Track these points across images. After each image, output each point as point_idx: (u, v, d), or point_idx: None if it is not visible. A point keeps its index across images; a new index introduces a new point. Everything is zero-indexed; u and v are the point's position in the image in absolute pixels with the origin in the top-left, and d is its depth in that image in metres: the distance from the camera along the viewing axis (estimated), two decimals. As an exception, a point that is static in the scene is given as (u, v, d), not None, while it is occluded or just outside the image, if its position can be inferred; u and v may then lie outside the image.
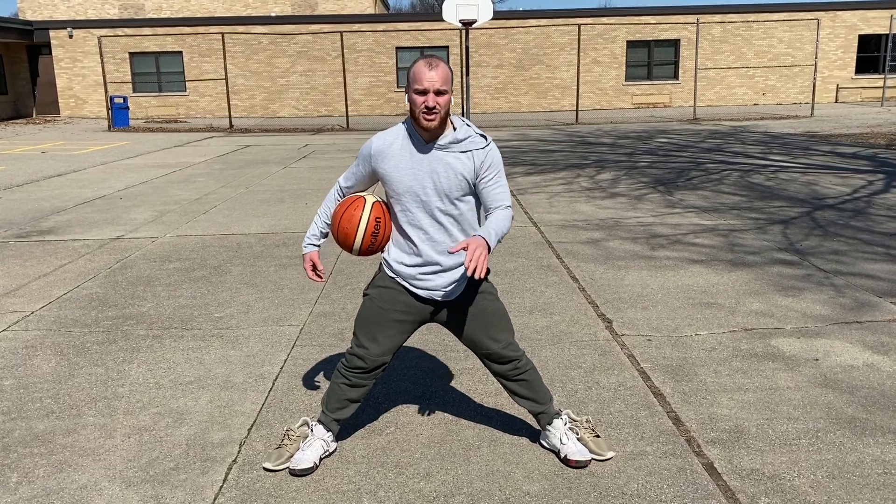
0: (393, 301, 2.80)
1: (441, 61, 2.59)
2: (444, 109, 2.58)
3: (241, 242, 6.87)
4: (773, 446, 2.98)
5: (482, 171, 2.67)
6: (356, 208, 2.75)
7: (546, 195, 9.17)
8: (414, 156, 2.67)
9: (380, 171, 2.72)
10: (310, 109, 27.46)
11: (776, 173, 10.59)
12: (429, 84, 2.54)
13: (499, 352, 2.84)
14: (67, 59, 27.19)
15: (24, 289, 5.47)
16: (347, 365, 2.86)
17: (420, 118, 2.58)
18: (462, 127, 2.68)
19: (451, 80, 2.60)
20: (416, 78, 2.56)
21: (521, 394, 2.91)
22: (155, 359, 4.06)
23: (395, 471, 2.86)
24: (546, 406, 2.94)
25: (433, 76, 2.54)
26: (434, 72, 2.54)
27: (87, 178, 11.54)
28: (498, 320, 2.84)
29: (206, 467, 2.91)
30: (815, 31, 27.16)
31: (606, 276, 5.50)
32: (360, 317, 2.85)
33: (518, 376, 2.89)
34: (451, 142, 2.65)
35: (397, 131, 2.73)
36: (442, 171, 2.65)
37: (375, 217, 2.75)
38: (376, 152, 2.72)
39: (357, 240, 2.74)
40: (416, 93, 2.57)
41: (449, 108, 2.63)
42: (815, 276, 5.38)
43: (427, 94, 2.55)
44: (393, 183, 2.70)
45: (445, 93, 2.57)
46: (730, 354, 3.95)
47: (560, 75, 27.46)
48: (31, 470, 2.92)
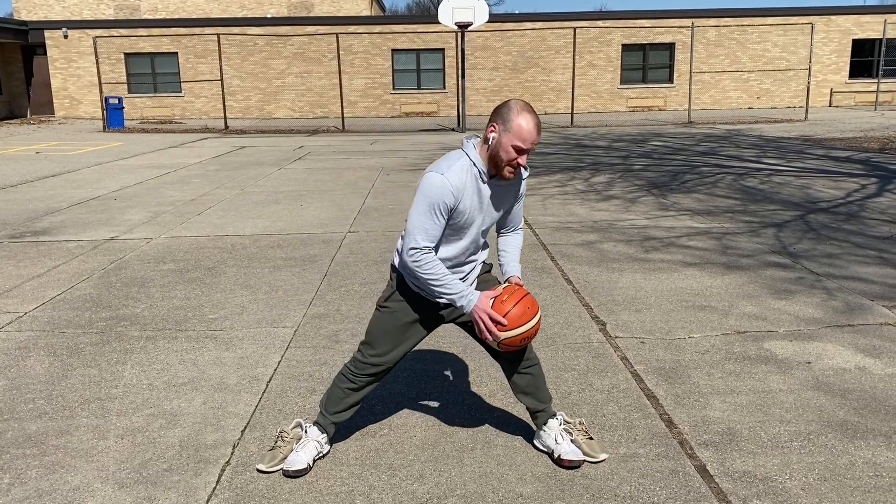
0: (418, 311, 2.83)
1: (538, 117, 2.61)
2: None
3: (235, 244, 6.86)
4: (765, 449, 3.00)
5: (520, 195, 2.86)
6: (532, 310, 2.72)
7: (540, 197, 9.19)
8: (481, 192, 2.68)
9: (456, 209, 2.63)
10: (305, 111, 27.44)
11: (770, 177, 10.63)
12: (532, 145, 2.55)
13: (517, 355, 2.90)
14: (62, 59, 27.13)
15: (17, 289, 5.45)
16: (356, 371, 2.87)
17: (504, 171, 2.59)
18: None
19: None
20: (521, 134, 2.52)
21: (525, 389, 2.93)
22: (149, 360, 4.05)
23: (389, 472, 2.87)
24: (545, 406, 2.96)
25: (537, 139, 2.56)
26: (539, 134, 2.55)
27: (81, 179, 11.52)
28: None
29: (200, 469, 2.91)
30: (809, 35, 27.27)
31: (600, 279, 5.51)
32: (378, 327, 2.83)
33: (526, 369, 2.92)
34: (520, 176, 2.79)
35: (464, 169, 2.62)
36: (497, 201, 2.75)
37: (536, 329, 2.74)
38: (456, 193, 2.59)
39: (529, 324, 2.70)
40: (514, 148, 2.54)
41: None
42: (808, 280, 5.40)
43: (525, 153, 2.56)
44: (462, 219, 2.66)
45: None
46: (723, 357, 3.96)
47: (555, 78, 27.51)
48: (24, 471, 2.91)
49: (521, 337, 2.68)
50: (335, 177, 11.39)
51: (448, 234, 2.70)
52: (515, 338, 2.67)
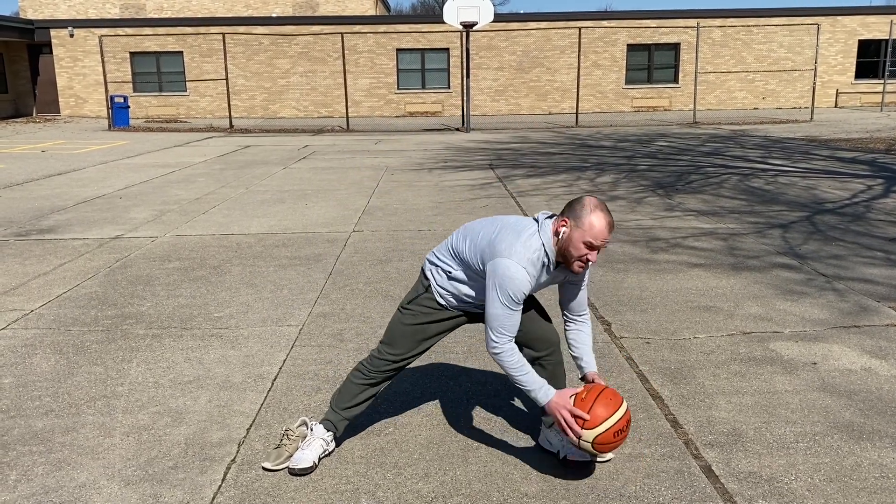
0: (440, 317, 2.87)
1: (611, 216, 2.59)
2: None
3: (240, 242, 6.87)
4: (771, 449, 2.99)
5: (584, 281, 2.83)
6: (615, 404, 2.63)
7: (546, 198, 9.18)
8: (542, 278, 2.69)
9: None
10: (310, 110, 27.47)
11: (776, 177, 10.61)
12: (603, 243, 2.55)
13: (546, 336, 2.92)
14: (68, 58, 27.20)
15: (23, 287, 5.47)
16: (371, 367, 2.90)
17: (574, 265, 2.59)
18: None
19: None
20: (593, 231, 2.52)
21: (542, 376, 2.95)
22: (154, 358, 4.06)
23: (394, 471, 2.87)
24: None
25: (609, 237, 2.55)
26: (611, 231, 2.55)
27: (87, 178, 11.55)
28: (542, 309, 2.98)
29: (205, 466, 2.92)
30: (815, 35, 27.20)
31: (605, 279, 5.50)
32: (398, 328, 2.88)
33: (549, 362, 2.95)
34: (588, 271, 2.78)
35: (538, 255, 2.61)
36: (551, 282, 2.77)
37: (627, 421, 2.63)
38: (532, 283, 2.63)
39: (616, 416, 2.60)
40: (586, 245, 2.54)
41: None
42: (815, 280, 5.39)
43: (597, 250, 2.56)
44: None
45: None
46: (728, 358, 3.96)
47: (560, 78, 27.49)
48: (30, 468, 2.92)
49: (613, 431, 2.56)
50: (340, 176, 11.41)
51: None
52: (607, 433, 2.55)
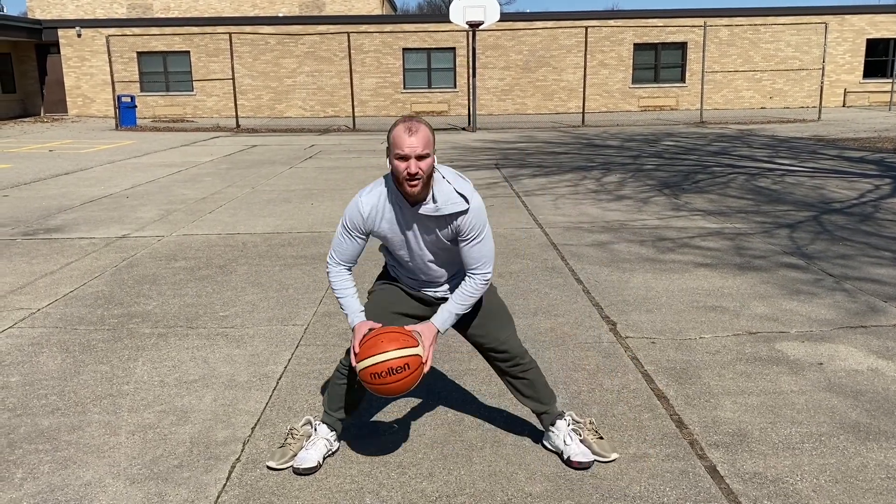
0: (395, 296, 2.89)
1: (421, 124, 2.55)
2: (426, 174, 2.55)
3: (246, 242, 6.89)
4: (777, 450, 2.98)
5: (462, 233, 2.67)
6: (399, 343, 2.58)
7: (552, 197, 9.17)
8: (403, 218, 2.69)
9: (374, 232, 2.74)
10: (316, 110, 27.50)
11: (783, 177, 10.57)
12: (409, 150, 2.50)
13: (500, 347, 2.87)
14: (76, 57, 27.30)
15: (30, 286, 5.49)
16: (344, 363, 2.89)
17: (404, 184, 2.56)
18: (442, 191, 2.62)
19: (432, 142, 2.56)
20: (396, 143, 2.53)
21: (525, 392, 2.93)
22: (160, 357, 4.07)
23: (398, 471, 2.87)
24: (549, 406, 2.95)
25: (414, 142, 2.50)
26: (414, 137, 2.50)
27: (94, 177, 11.59)
28: (499, 316, 2.89)
29: (210, 465, 2.92)
30: (822, 34, 27.08)
31: (611, 279, 5.49)
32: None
33: (521, 374, 2.91)
34: (432, 210, 2.64)
35: (380, 193, 2.70)
36: (427, 233, 2.71)
37: (405, 363, 2.56)
38: (367, 217, 2.69)
39: (370, 360, 2.56)
40: (397, 158, 2.53)
41: (432, 171, 2.59)
42: (822, 281, 5.36)
43: (409, 159, 2.51)
44: (387, 241, 2.78)
45: (427, 157, 2.53)
46: (734, 358, 3.94)
47: (567, 77, 27.45)
48: (36, 466, 2.93)
49: (368, 371, 2.54)
50: (346, 175, 11.41)
51: (394, 255, 2.84)
52: (376, 366, 2.54)
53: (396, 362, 2.54)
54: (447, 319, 2.72)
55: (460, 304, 2.72)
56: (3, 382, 3.75)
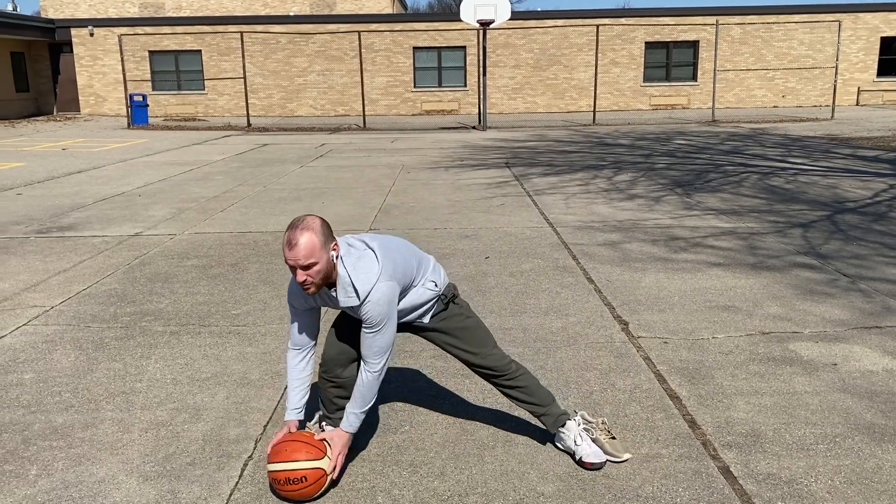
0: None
1: (306, 230, 2.50)
2: (318, 278, 2.54)
3: (258, 240, 6.91)
4: (791, 451, 2.96)
5: (362, 322, 2.66)
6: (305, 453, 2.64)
7: (563, 196, 9.15)
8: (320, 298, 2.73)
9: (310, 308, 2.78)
10: (327, 109, 27.55)
11: (796, 176, 10.50)
12: (293, 262, 2.50)
13: (480, 363, 2.89)
14: (88, 56, 27.46)
15: (44, 284, 5.53)
16: (321, 365, 2.96)
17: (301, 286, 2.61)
18: (342, 283, 2.61)
19: (318, 247, 2.50)
20: (284, 253, 2.55)
21: (520, 398, 2.96)
22: (172, 355, 4.09)
23: (410, 469, 2.87)
24: (547, 407, 2.95)
25: (295, 254, 2.48)
26: (295, 249, 2.48)
27: (106, 175, 11.65)
28: (472, 335, 2.89)
29: (223, 463, 2.93)
30: (836, 33, 26.90)
31: (623, 278, 5.47)
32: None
33: (510, 383, 2.93)
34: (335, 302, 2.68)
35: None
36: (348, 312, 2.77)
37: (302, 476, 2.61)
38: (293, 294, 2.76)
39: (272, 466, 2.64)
40: (288, 265, 2.58)
41: (329, 269, 2.56)
42: (836, 281, 5.33)
43: (296, 270, 2.52)
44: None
45: (313, 265, 2.50)
46: (747, 358, 3.92)
47: (578, 76, 27.38)
48: (51, 463, 2.95)
49: (270, 476, 2.64)
50: (356, 174, 11.43)
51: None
52: (269, 474, 2.65)
53: (295, 474, 2.60)
54: (353, 421, 2.72)
55: (360, 401, 2.71)
56: (18, 379, 3.78)
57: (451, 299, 2.88)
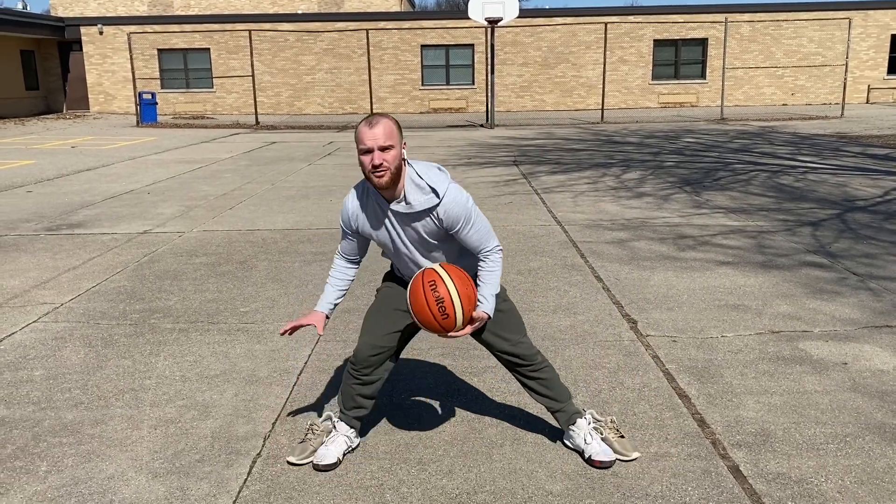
0: (395, 293, 2.90)
1: (384, 117, 2.57)
2: (393, 165, 2.55)
3: (266, 238, 6.92)
4: (801, 450, 2.94)
5: (451, 227, 2.68)
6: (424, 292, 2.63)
7: (571, 194, 9.13)
8: (380, 217, 2.73)
9: (359, 232, 2.80)
10: (335, 107, 27.58)
11: (805, 174, 10.45)
12: (371, 142, 2.52)
13: (510, 350, 2.87)
14: (97, 55, 27.56)
15: (53, 281, 5.55)
16: (352, 360, 2.91)
17: (370, 177, 2.58)
18: (411, 189, 2.62)
19: (396, 134, 2.55)
20: (359, 138, 2.56)
21: (539, 391, 2.93)
22: (181, 352, 4.10)
23: (418, 467, 2.87)
24: (564, 404, 2.94)
25: (375, 133, 2.53)
26: (376, 128, 2.53)
27: (115, 173, 11.70)
28: (507, 320, 2.87)
29: (231, 460, 2.94)
30: (846, 30, 26.73)
31: (631, 277, 5.46)
32: (367, 313, 2.94)
33: (533, 374, 2.90)
34: (405, 208, 2.65)
35: (362, 192, 2.76)
36: (407, 231, 2.73)
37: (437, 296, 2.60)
38: (351, 216, 2.78)
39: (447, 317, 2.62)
40: (361, 153, 2.57)
41: (400, 164, 2.58)
42: (846, 279, 5.30)
43: (371, 152, 2.53)
44: (373, 240, 2.82)
45: (391, 147, 2.53)
46: (756, 357, 3.90)
47: (586, 74, 27.31)
48: (60, 459, 2.96)
49: (441, 286, 2.62)
50: (364, 172, 11.42)
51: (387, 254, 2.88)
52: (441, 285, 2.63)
53: (447, 305, 2.58)
54: (492, 301, 2.73)
55: (493, 282, 2.74)
56: (28, 376, 3.79)
57: None
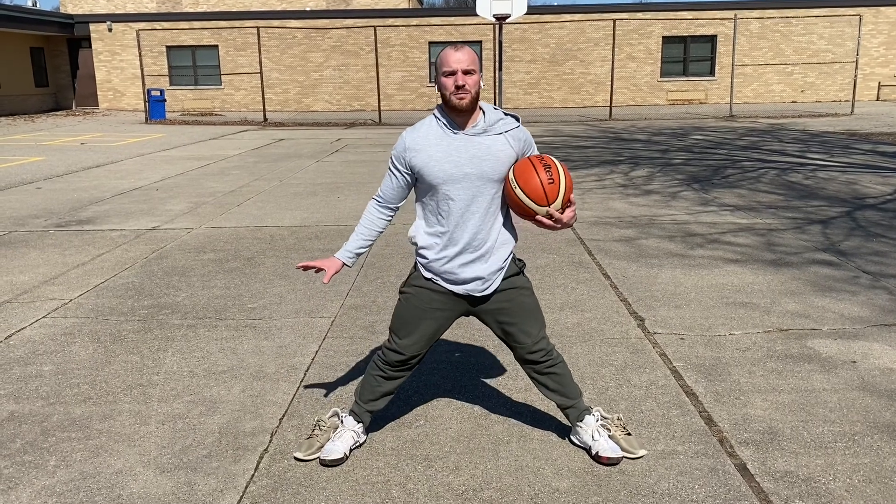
0: (430, 299, 2.79)
1: (466, 45, 2.66)
2: (474, 89, 2.60)
3: (274, 235, 6.93)
4: (808, 449, 2.93)
5: (524, 148, 2.75)
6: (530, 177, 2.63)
7: (579, 191, 9.11)
8: (451, 144, 2.67)
9: (416, 165, 2.67)
10: (343, 104, 27.59)
11: (815, 172, 10.39)
12: (456, 65, 2.59)
13: (531, 346, 2.84)
14: (106, 52, 27.65)
15: (63, 277, 5.58)
16: (384, 359, 2.87)
17: (451, 99, 2.61)
18: (490, 111, 2.71)
19: (478, 62, 2.64)
20: (443, 62, 2.62)
21: (551, 387, 2.90)
22: (189, 348, 4.12)
23: (425, 464, 2.87)
24: (575, 401, 2.93)
25: (460, 56, 2.60)
26: (461, 53, 2.60)
27: (124, 170, 11.74)
28: (532, 315, 2.84)
29: (238, 455, 2.95)
30: (856, 27, 26.55)
31: (639, 274, 5.45)
32: (396, 314, 2.85)
33: (548, 370, 2.88)
34: (486, 126, 2.68)
35: (429, 122, 2.73)
36: (483, 154, 2.66)
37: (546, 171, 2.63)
38: (410, 146, 2.69)
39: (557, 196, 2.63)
40: (444, 76, 2.61)
41: (479, 91, 2.64)
42: (855, 277, 5.27)
43: (455, 74, 2.59)
44: (431, 173, 2.66)
45: (473, 72, 2.61)
46: (764, 355, 3.89)
47: (594, 71, 27.24)
48: (69, 454, 2.98)
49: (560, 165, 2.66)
50: (372, 169, 11.44)
51: (429, 197, 2.73)
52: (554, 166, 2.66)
53: (553, 171, 2.62)
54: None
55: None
56: (37, 371, 3.82)
57: (522, 265, 2.90)
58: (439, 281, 2.78)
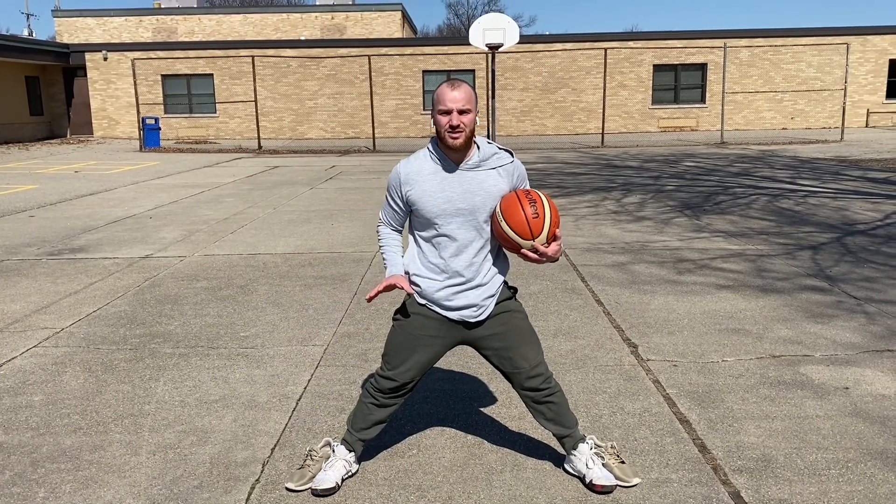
0: (423, 326, 2.80)
1: (464, 83, 2.67)
2: (468, 128, 2.63)
3: (267, 262, 6.93)
4: (802, 476, 2.93)
5: (517, 183, 2.78)
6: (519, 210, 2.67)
7: (572, 218, 9.15)
8: (445, 178, 2.70)
9: (411, 198, 2.71)
10: (337, 132, 27.74)
11: (805, 198, 10.47)
12: (452, 104, 2.61)
13: (529, 370, 2.83)
14: (102, 80, 27.80)
15: (54, 305, 5.56)
16: (376, 386, 2.87)
17: (445, 137, 2.64)
18: (485, 146, 2.73)
19: (474, 100, 2.66)
20: (439, 99, 2.64)
21: (548, 416, 2.89)
22: (181, 377, 4.10)
23: (417, 493, 2.85)
24: (572, 430, 2.92)
25: (456, 96, 2.62)
26: (457, 92, 2.62)
27: (118, 198, 11.75)
28: (528, 338, 2.84)
29: (230, 486, 2.92)
30: (844, 55, 26.93)
31: (632, 301, 5.46)
32: (389, 341, 2.85)
33: (546, 398, 2.87)
34: (479, 161, 2.71)
35: (424, 155, 2.76)
36: (475, 189, 2.70)
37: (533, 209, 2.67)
38: (405, 180, 2.73)
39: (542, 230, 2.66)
40: (440, 113, 2.64)
41: (474, 129, 2.67)
42: (846, 303, 5.29)
43: (451, 113, 2.61)
44: (425, 207, 2.70)
45: (469, 111, 2.63)
46: (757, 381, 3.89)
47: (586, 98, 27.50)
48: (58, 485, 2.95)
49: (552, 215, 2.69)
50: (366, 196, 11.48)
51: (422, 228, 2.77)
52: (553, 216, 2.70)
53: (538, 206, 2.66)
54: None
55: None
56: (27, 401, 3.79)
57: (514, 291, 2.91)
58: (433, 307, 2.79)
